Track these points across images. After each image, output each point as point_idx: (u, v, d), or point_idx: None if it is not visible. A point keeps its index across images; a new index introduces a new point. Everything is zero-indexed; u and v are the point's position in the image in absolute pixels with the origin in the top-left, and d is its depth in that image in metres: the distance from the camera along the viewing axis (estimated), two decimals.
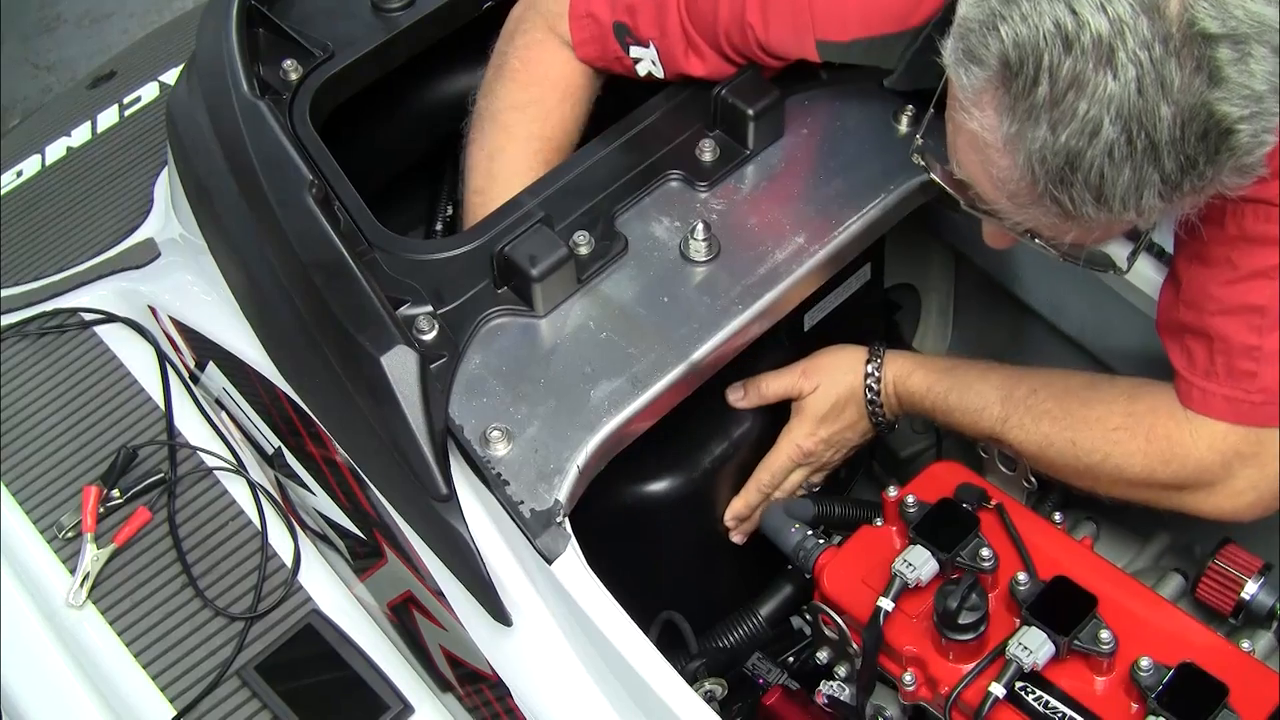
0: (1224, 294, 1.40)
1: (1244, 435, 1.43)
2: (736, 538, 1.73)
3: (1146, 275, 1.61)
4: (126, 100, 2.34)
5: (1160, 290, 1.51)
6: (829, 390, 1.67)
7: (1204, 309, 1.42)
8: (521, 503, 1.39)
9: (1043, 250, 1.34)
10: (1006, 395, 1.56)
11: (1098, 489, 1.54)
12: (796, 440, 1.69)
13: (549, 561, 1.37)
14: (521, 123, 1.68)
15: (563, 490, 1.39)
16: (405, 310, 1.50)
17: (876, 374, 1.66)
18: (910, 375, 1.65)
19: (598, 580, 1.37)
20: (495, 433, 1.42)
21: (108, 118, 2.32)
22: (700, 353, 1.48)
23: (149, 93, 2.35)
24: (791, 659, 1.69)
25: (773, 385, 1.69)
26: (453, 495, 1.41)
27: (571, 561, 1.37)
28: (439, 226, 2.20)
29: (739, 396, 1.70)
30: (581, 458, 1.41)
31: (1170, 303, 1.47)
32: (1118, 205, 1.17)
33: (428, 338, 1.48)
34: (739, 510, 1.71)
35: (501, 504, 1.40)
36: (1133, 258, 1.38)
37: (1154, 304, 1.53)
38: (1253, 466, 1.44)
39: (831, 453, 1.72)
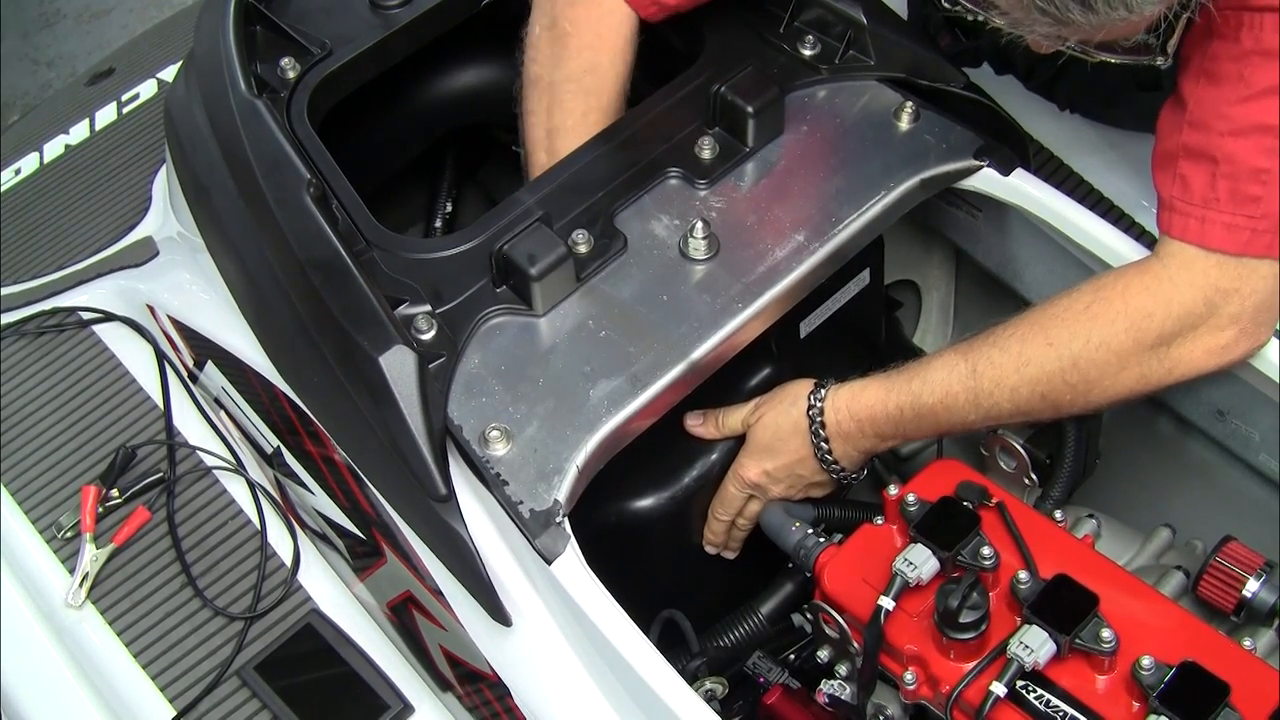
0: (1235, 113, 1.35)
1: (1226, 269, 1.40)
2: (727, 555, 1.72)
3: None
4: (125, 98, 2.34)
5: (1159, 120, 1.46)
6: (772, 420, 1.61)
7: (1212, 129, 1.37)
8: (521, 503, 1.38)
9: (1082, 55, 1.32)
10: (968, 348, 1.52)
11: (1091, 394, 1.48)
12: (740, 471, 1.63)
13: (548, 562, 1.37)
14: (578, 94, 1.67)
15: (562, 490, 1.39)
16: (404, 309, 1.49)
17: (819, 403, 1.57)
18: (864, 390, 1.57)
19: (597, 580, 1.36)
20: (494, 432, 1.42)
21: (106, 115, 2.32)
22: (700, 351, 1.48)
23: (147, 90, 2.34)
24: (792, 656, 1.69)
25: (730, 419, 1.64)
26: (452, 496, 1.41)
27: (571, 561, 1.37)
28: (438, 224, 2.20)
29: (698, 423, 1.65)
30: (581, 457, 1.40)
31: (1171, 128, 1.42)
32: (1102, 7, 1.16)
33: (426, 337, 1.48)
34: (711, 540, 1.70)
35: (501, 504, 1.40)
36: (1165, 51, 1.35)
37: None
38: (1234, 301, 1.41)
39: (782, 487, 1.64)
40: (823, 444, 1.58)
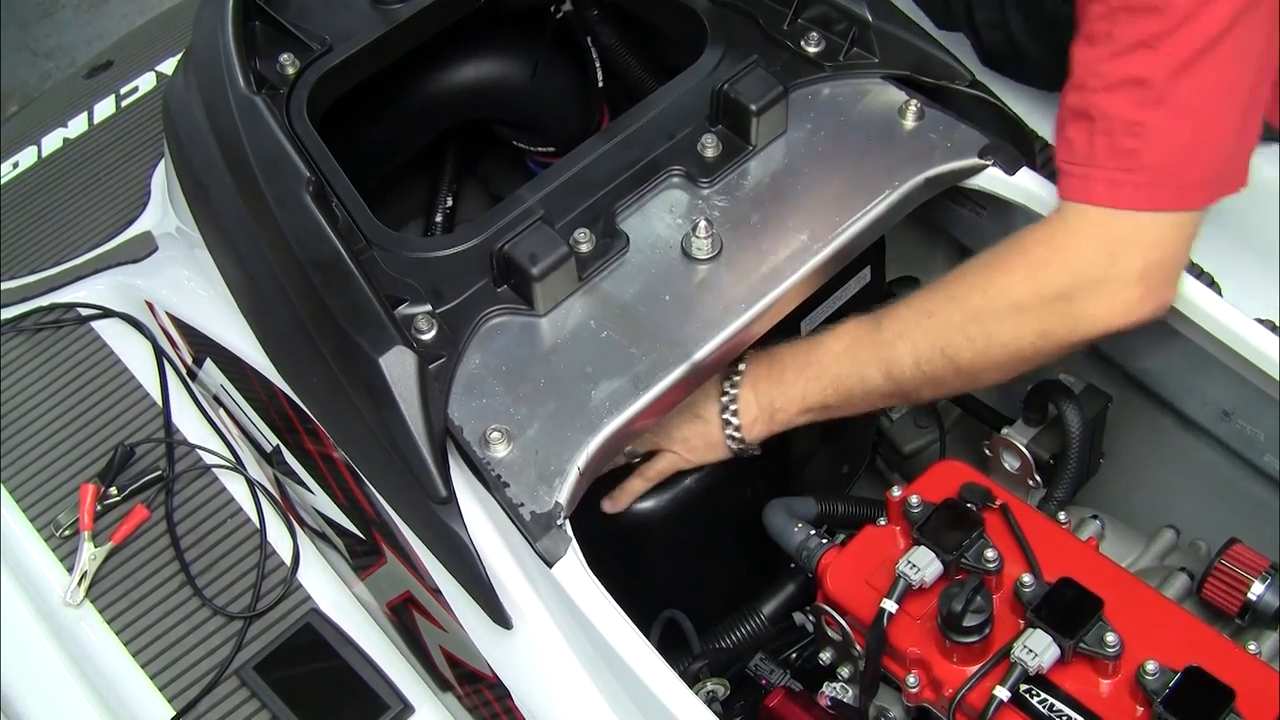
0: (1106, 69, 1.39)
1: (1125, 220, 1.40)
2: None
3: None
4: (123, 91, 2.33)
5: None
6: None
7: (1087, 88, 1.40)
8: (522, 505, 1.37)
9: None
10: (875, 312, 1.54)
11: (991, 350, 1.46)
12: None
13: (549, 564, 1.36)
14: None
15: (563, 492, 1.38)
16: (404, 309, 1.48)
17: (735, 376, 1.57)
18: (775, 348, 1.57)
19: (599, 584, 1.35)
20: (495, 434, 1.41)
21: (104, 108, 2.30)
22: (703, 352, 1.46)
23: (146, 83, 2.33)
24: (794, 656, 1.68)
25: (635, 483, 1.61)
26: (452, 497, 1.40)
27: (572, 564, 1.36)
28: (438, 219, 2.19)
29: (610, 505, 1.62)
30: (582, 459, 1.39)
31: (1063, 94, 1.45)
32: None
33: (426, 337, 1.47)
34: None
35: (501, 506, 1.39)
36: None
37: None
38: (1136, 254, 1.41)
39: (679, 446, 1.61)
40: (731, 405, 1.57)
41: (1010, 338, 1.46)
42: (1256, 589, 1.49)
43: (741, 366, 1.58)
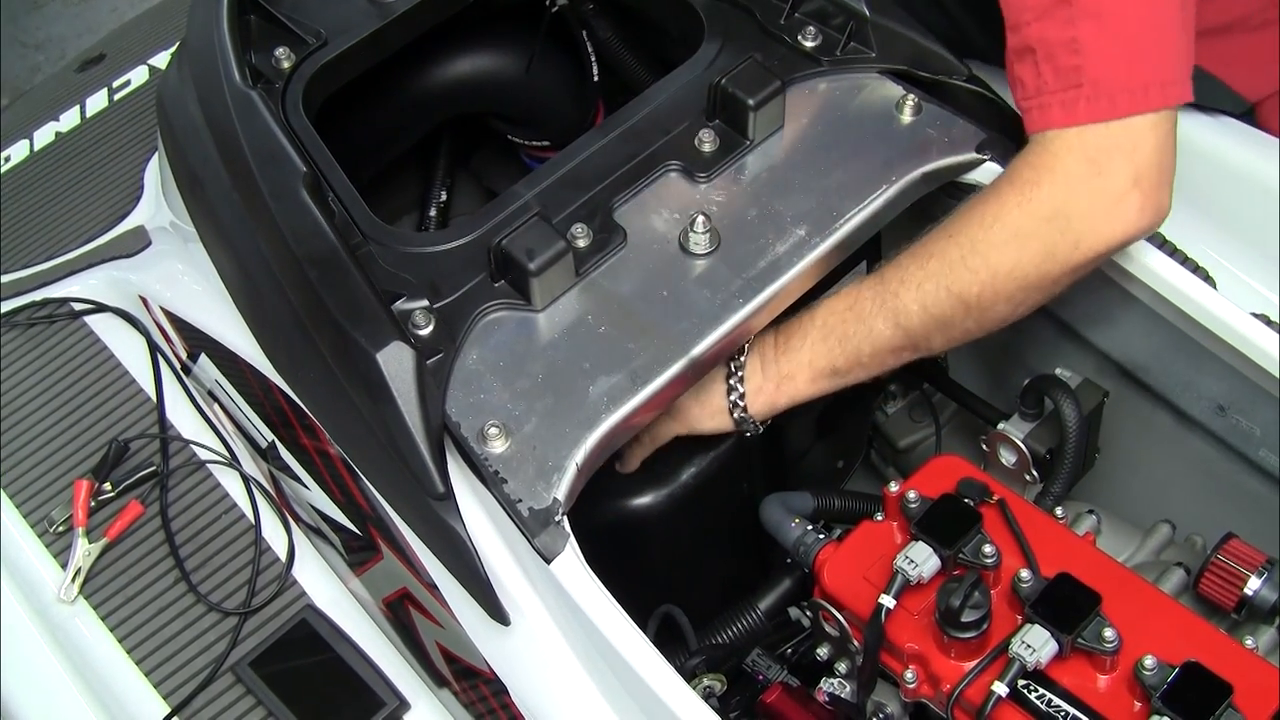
0: (1033, 1, 1.43)
1: (1096, 133, 1.42)
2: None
3: (1156, 271, 1.59)
4: (116, 84, 2.32)
5: None
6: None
7: (1020, 24, 1.45)
8: (520, 501, 1.37)
9: None
10: (876, 269, 1.55)
11: (998, 282, 1.47)
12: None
13: (548, 561, 1.35)
14: None
15: (561, 488, 1.37)
16: (401, 305, 1.48)
17: (740, 356, 1.56)
18: (786, 323, 1.57)
19: (597, 580, 1.35)
20: (493, 429, 1.40)
21: (96, 102, 2.30)
22: (701, 348, 1.46)
23: (138, 76, 2.32)
24: (790, 650, 1.68)
25: (635, 450, 1.61)
26: (450, 494, 1.40)
27: (570, 561, 1.35)
28: (432, 212, 2.18)
29: (622, 466, 1.62)
30: (580, 455, 1.39)
31: (1006, 45, 1.49)
32: None
33: (424, 333, 1.46)
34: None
35: (499, 502, 1.38)
36: None
37: (1161, 298, 1.52)
38: (1120, 160, 1.43)
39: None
40: (738, 384, 1.57)
41: (1013, 264, 1.46)
42: (1253, 584, 1.49)
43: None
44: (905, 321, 1.50)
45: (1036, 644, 1.32)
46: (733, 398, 1.57)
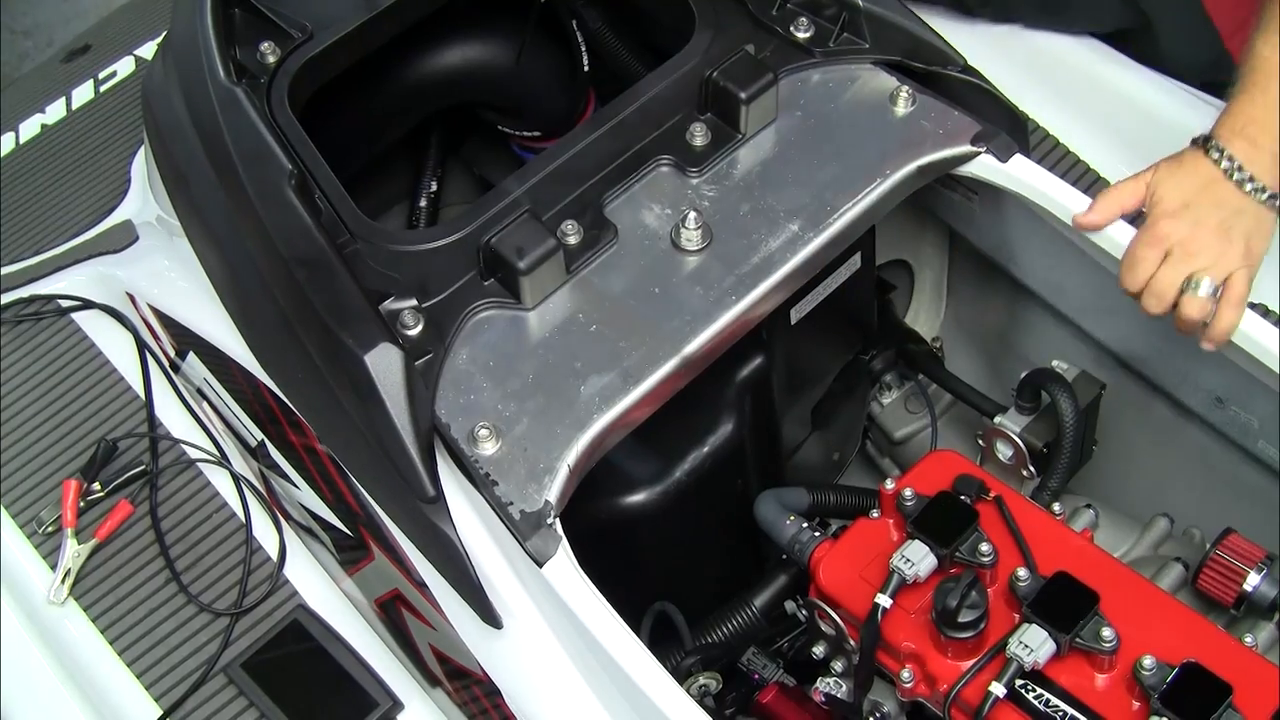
0: None
1: None
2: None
3: None
4: (102, 75, 2.30)
5: None
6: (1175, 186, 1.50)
7: None
8: (511, 504, 1.36)
9: None
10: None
11: None
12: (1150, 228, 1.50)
13: (540, 564, 1.34)
14: None
15: (553, 490, 1.36)
16: (389, 304, 1.46)
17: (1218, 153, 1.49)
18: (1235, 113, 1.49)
19: (589, 583, 1.34)
20: (483, 431, 1.39)
21: (83, 93, 2.27)
22: (693, 346, 1.44)
23: (124, 68, 2.30)
24: (786, 646, 1.67)
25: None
26: (440, 496, 1.38)
27: (563, 564, 1.34)
28: (422, 204, 2.17)
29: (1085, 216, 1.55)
30: (572, 456, 1.38)
31: None
32: None
33: (412, 333, 1.45)
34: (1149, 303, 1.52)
35: (490, 505, 1.37)
36: None
37: None
38: None
39: (1209, 235, 1.48)
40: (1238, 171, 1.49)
41: None
42: (1252, 580, 1.48)
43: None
44: None
45: (1034, 644, 1.31)
46: (1249, 188, 1.49)
